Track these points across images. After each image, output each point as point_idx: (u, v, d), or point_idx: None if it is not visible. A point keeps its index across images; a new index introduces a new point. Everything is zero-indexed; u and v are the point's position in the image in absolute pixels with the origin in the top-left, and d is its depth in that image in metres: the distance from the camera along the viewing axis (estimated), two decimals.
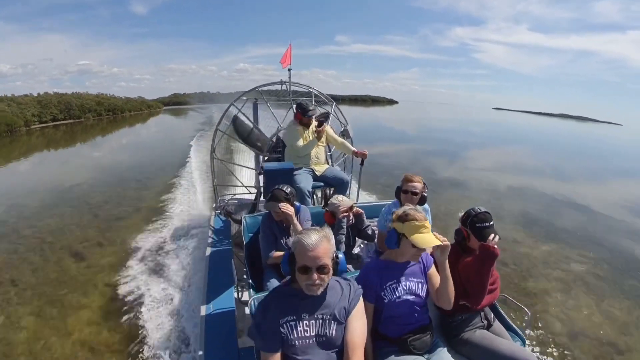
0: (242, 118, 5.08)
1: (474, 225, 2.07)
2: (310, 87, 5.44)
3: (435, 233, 1.78)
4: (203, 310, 3.02)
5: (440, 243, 1.74)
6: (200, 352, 2.54)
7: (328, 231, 1.60)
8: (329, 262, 1.53)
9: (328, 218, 2.91)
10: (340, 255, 1.65)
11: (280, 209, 2.56)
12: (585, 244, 7.32)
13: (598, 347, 4.14)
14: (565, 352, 3.97)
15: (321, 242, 1.51)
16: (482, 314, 2.17)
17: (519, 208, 9.63)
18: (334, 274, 1.61)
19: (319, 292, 1.55)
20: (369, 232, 3.02)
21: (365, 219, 2.99)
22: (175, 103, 68.23)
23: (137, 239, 6.24)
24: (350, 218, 2.91)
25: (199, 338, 2.74)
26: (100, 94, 40.74)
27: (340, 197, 2.95)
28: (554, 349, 3.97)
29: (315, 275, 1.50)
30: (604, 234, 8.16)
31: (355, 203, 3.09)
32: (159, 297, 4.41)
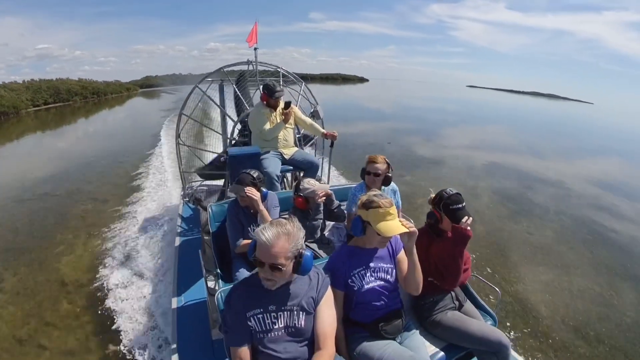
0: (210, 101, 4.88)
1: (447, 207, 2.04)
2: (278, 67, 5.25)
3: (402, 219, 1.73)
4: (174, 302, 2.96)
5: (405, 231, 1.68)
6: (174, 346, 2.48)
7: (291, 227, 1.49)
8: (284, 261, 1.45)
9: (300, 204, 2.73)
10: (308, 253, 1.53)
11: (245, 192, 2.44)
12: (557, 220, 7.64)
13: (568, 322, 4.32)
14: (536, 328, 4.12)
15: (278, 240, 1.43)
16: (453, 294, 2.17)
17: (493, 185, 9.88)
18: (296, 272, 1.53)
19: (274, 288, 1.51)
20: (339, 212, 2.92)
21: (335, 199, 2.89)
22: (148, 86, 66.77)
23: (105, 230, 5.97)
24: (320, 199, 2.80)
25: (172, 331, 2.68)
26: (82, 79, 42.06)
27: (312, 181, 2.79)
28: (525, 327, 4.11)
29: (268, 272, 1.45)
30: (575, 209, 8.52)
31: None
32: (130, 291, 4.23)
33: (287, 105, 3.89)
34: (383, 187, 2.73)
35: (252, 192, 2.45)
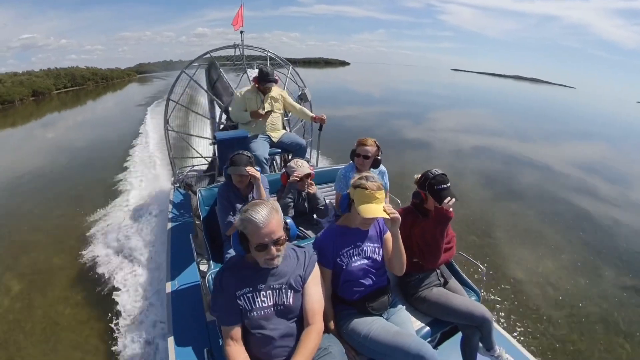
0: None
1: (432, 187, 2.06)
2: (265, 50, 5.19)
3: (386, 205, 1.76)
4: (168, 287, 2.99)
5: (385, 216, 1.72)
6: (169, 329, 2.52)
7: (274, 202, 1.57)
8: (282, 233, 1.52)
9: (284, 179, 2.84)
10: (289, 221, 1.62)
11: (247, 171, 2.46)
12: (540, 201, 7.85)
13: (548, 297, 4.51)
14: (516, 302, 4.29)
15: (271, 216, 1.48)
16: (438, 272, 2.23)
17: (477, 167, 10.06)
18: (288, 241, 1.59)
19: (279, 262, 1.55)
20: (324, 210, 2.95)
21: (319, 196, 2.91)
22: (141, 72, 69.87)
23: (97, 219, 5.96)
24: (307, 186, 2.81)
25: (167, 315, 2.70)
26: (90, 67, 48.99)
27: (300, 161, 2.83)
28: (507, 302, 4.28)
29: (274, 249, 1.49)
30: (557, 191, 8.76)
31: (314, 167, 3.02)
32: (124, 278, 4.25)
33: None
34: (371, 169, 2.76)
35: (253, 171, 2.48)
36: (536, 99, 50.55)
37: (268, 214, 1.46)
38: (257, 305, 1.54)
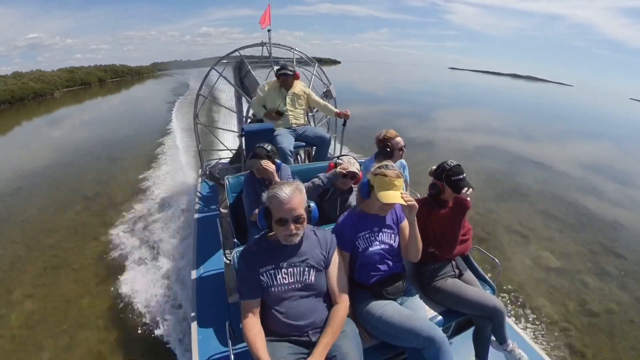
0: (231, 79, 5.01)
1: (450, 178, 2.12)
2: (292, 48, 5.32)
3: (404, 192, 1.83)
4: (194, 274, 3.09)
5: (403, 202, 1.80)
6: (193, 314, 2.61)
7: (299, 183, 1.68)
8: (303, 212, 1.63)
9: (330, 167, 2.84)
10: (312, 205, 1.72)
11: (262, 165, 2.59)
12: (545, 200, 7.80)
13: (554, 292, 4.52)
14: (521, 299, 4.31)
15: (294, 194, 1.60)
16: (453, 263, 2.27)
17: (481, 167, 10.03)
18: (308, 222, 1.69)
19: (297, 240, 1.66)
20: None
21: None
22: (157, 70, 74.57)
23: (125, 210, 6.18)
24: (345, 186, 2.78)
25: (191, 300, 2.81)
26: (122, 64, 56.52)
27: (354, 160, 2.80)
28: (519, 298, 4.30)
29: (292, 226, 1.60)
30: (563, 190, 8.67)
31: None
32: (150, 267, 4.45)
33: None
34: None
35: (268, 165, 2.61)
36: (534, 97, 50.18)
37: (291, 192, 1.60)
38: (278, 282, 1.63)
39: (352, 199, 2.80)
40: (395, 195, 1.79)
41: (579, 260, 5.39)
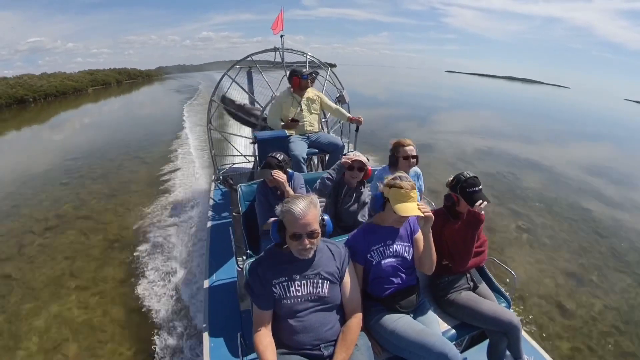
0: (233, 94, 5.05)
1: (464, 190, 2.08)
2: (305, 53, 5.32)
3: (420, 203, 1.80)
4: (206, 283, 3.10)
5: (420, 214, 1.75)
6: (205, 324, 2.62)
7: (314, 197, 1.67)
8: (317, 227, 1.61)
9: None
10: (326, 218, 1.71)
11: (272, 175, 2.59)
12: (547, 204, 7.74)
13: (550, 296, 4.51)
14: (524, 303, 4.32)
15: (309, 209, 1.58)
16: (468, 275, 2.23)
17: (480, 169, 10.03)
18: (322, 236, 1.68)
19: (311, 255, 1.65)
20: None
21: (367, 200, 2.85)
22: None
23: (138, 214, 6.24)
24: (354, 179, 2.76)
25: (204, 308, 2.82)
26: (133, 68, 60.15)
27: (359, 153, 2.81)
28: (536, 308, 4.28)
29: (307, 241, 1.58)
30: (565, 194, 8.63)
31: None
32: (163, 273, 4.45)
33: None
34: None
35: (279, 175, 2.60)
36: (531, 99, 50.37)
37: (306, 207, 1.58)
38: (291, 294, 1.62)
39: (366, 196, 2.79)
40: (413, 208, 1.76)
41: (588, 265, 5.39)
